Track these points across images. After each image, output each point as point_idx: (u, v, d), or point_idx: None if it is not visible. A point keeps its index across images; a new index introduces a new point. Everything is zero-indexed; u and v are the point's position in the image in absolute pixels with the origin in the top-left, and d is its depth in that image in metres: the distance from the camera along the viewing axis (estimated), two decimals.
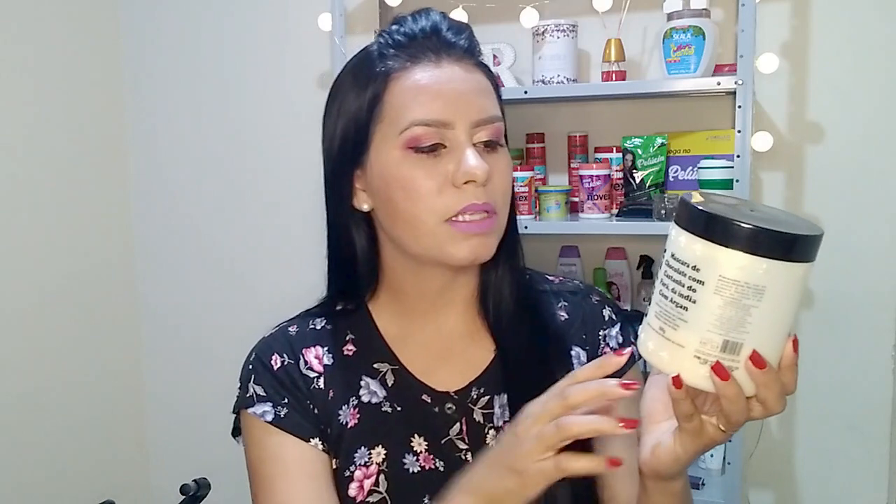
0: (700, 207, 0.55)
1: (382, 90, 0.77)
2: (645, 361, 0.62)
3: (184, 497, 1.40)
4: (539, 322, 0.85)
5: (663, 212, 1.55)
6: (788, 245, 0.53)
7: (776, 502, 1.75)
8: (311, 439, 0.80)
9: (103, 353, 2.16)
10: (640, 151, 1.63)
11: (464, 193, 0.75)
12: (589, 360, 0.84)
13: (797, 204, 1.67)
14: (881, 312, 1.63)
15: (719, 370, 0.56)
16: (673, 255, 0.57)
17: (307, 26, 1.86)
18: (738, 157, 1.46)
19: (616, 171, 1.67)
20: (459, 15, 1.65)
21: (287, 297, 0.94)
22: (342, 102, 0.80)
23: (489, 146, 0.78)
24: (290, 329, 0.86)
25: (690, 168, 1.64)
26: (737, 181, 1.46)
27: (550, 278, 0.92)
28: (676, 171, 1.66)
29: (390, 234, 0.80)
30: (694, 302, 0.55)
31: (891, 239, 1.62)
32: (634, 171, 1.64)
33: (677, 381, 0.57)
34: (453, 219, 0.75)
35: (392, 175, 0.76)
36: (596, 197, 1.62)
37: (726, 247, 0.53)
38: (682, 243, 0.56)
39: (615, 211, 1.67)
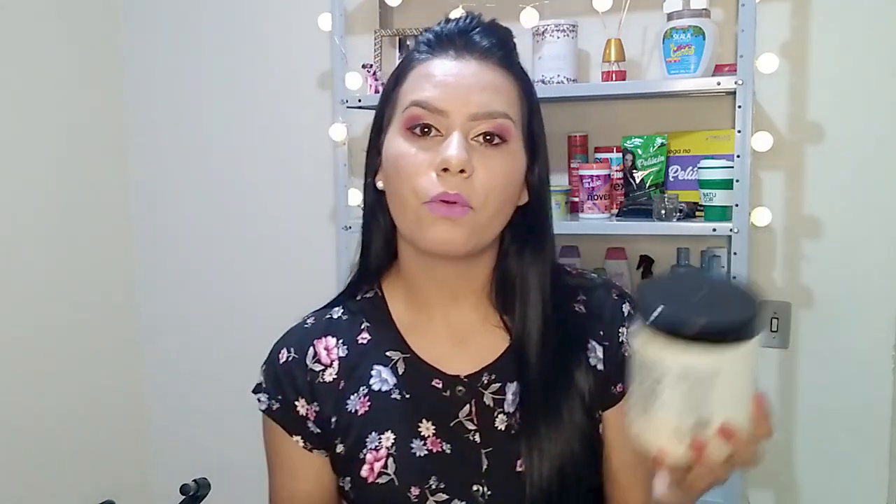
0: (647, 315, 0.60)
1: (402, 78, 0.82)
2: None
3: (184, 497, 1.40)
4: (555, 314, 0.85)
5: (663, 212, 1.55)
6: (732, 331, 0.59)
7: (776, 502, 1.75)
8: (294, 436, 0.85)
9: (103, 352, 2.16)
10: (640, 151, 1.63)
11: (440, 180, 0.76)
12: (605, 355, 0.85)
13: (797, 204, 1.67)
14: (881, 312, 1.63)
15: (696, 445, 0.61)
16: (636, 351, 0.63)
17: (307, 26, 1.86)
18: (738, 157, 1.46)
19: (616, 171, 1.67)
20: (458, 15, 1.65)
21: (286, 299, 0.94)
22: (382, 93, 0.86)
23: (488, 141, 0.78)
24: (308, 321, 0.90)
25: (690, 168, 1.64)
26: (737, 181, 1.46)
27: (568, 270, 0.92)
28: (676, 171, 1.66)
29: (392, 215, 0.83)
30: (661, 392, 0.61)
31: (891, 239, 1.62)
32: (634, 171, 1.64)
33: (658, 462, 0.62)
34: (428, 202, 0.76)
35: (391, 153, 0.80)
36: (596, 197, 1.62)
37: (677, 343, 0.59)
38: (640, 342, 0.62)
39: (615, 211, 1.66)
